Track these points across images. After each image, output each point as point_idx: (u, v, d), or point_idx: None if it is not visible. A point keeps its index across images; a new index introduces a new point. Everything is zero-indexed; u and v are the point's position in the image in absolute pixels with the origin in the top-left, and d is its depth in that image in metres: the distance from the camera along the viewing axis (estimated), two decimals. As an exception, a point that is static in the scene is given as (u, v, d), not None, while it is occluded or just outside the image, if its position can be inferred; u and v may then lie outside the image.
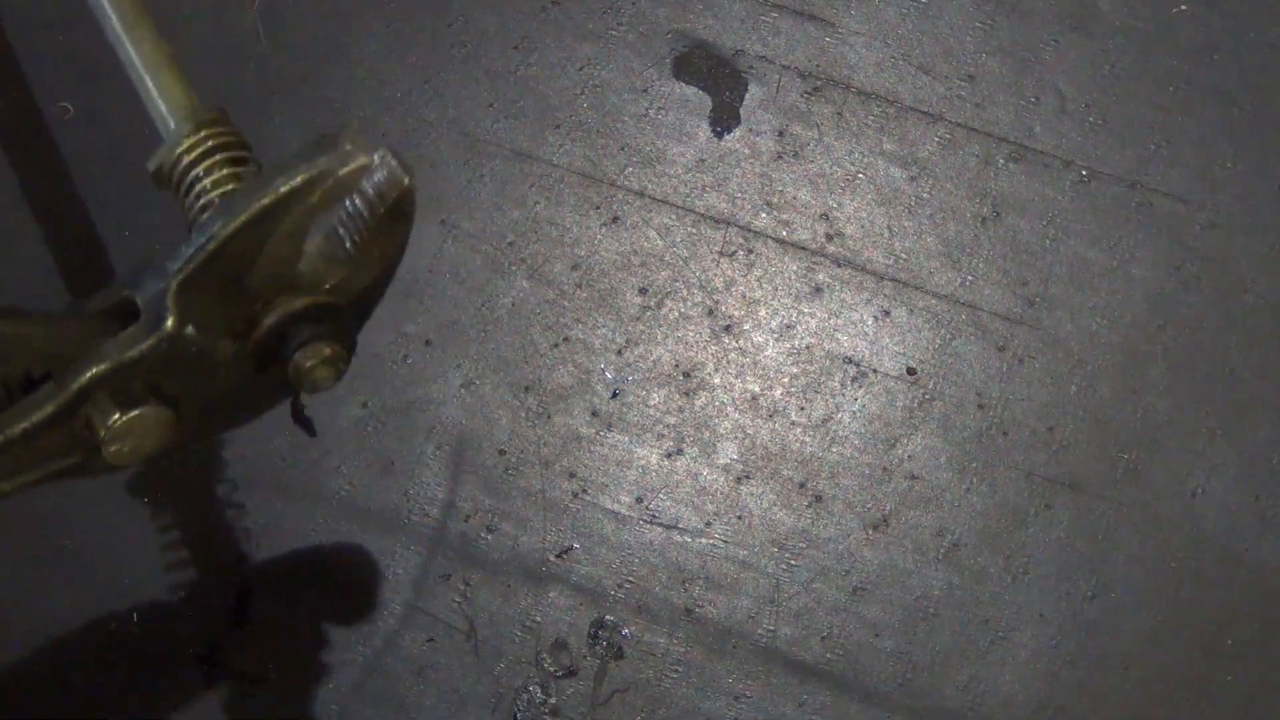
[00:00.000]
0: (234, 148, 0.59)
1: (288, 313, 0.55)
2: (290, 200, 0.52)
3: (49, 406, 0.54)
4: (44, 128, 0.81)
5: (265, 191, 0.52)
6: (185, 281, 0.53)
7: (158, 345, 0.53)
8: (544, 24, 0.84)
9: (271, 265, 0.53)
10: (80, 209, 0.80)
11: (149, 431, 0.55)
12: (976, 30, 0.85)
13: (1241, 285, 0.81)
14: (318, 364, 0.56)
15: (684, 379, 0.78)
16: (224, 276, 0.53)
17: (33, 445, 0.55)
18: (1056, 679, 0.74)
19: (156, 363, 0.54)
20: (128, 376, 0.54)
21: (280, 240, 0.53)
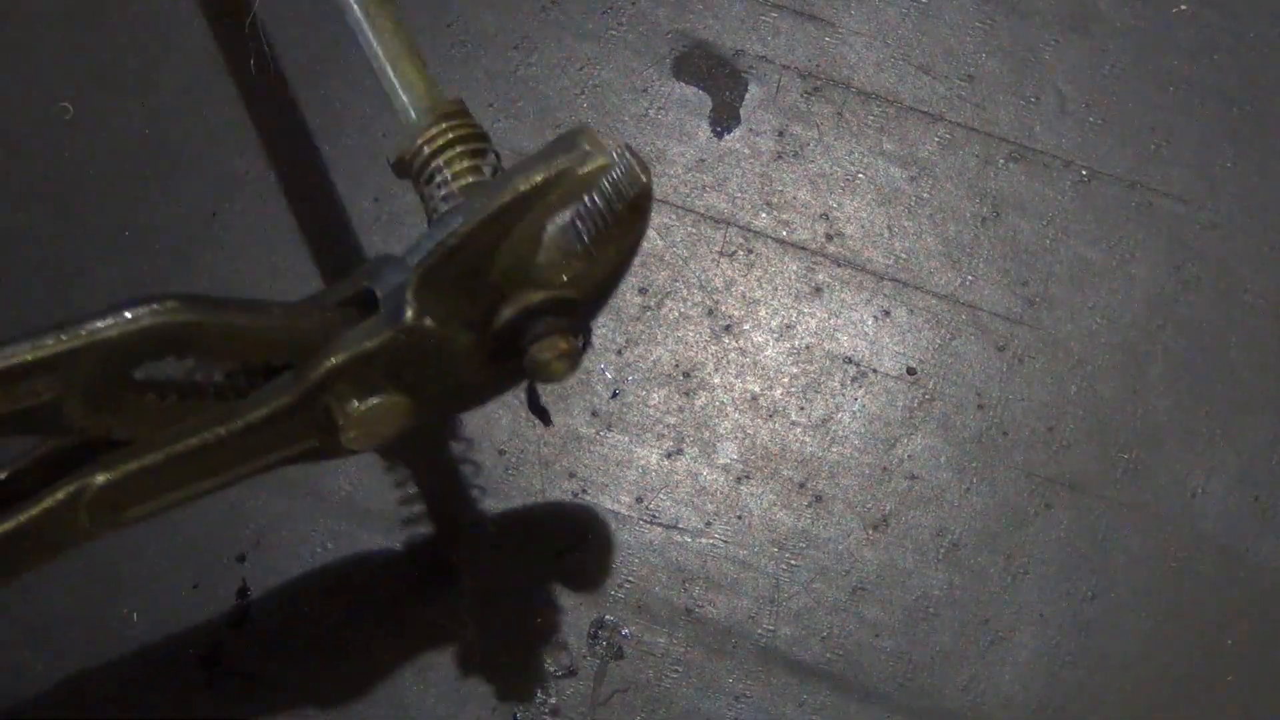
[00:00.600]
0: (474, 140, 0.60)
1: (525, 306, 0.56)
2: (530, 199, 0.53)
3: (289, 395, 0.55)
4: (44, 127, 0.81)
5: (506, 190, 0.53)
6: (425, 275, 0.54)
7: (396, 337, 0.55)
8: (544, 24, 0.84)
9: (510, 260, 0.55)
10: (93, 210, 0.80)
11: (386, 418, 0.56)
12: (976, 30, 0.85)
13: (1241, 285, 0.81)
14: (554, 358, 0.57)
15: (684, 379, 0.78)
16: (463, 271, 0.54)
17: (273, 431, 0.57)
18: (1056, 679, 0.74)
19: (394, 353, 0.55)
20: (366, 366, 0.55)
21: (519, 236, 0.54)
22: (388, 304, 0.55)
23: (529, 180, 0.53)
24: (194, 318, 0.51)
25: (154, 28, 0.83)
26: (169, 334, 0.51)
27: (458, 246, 0.54)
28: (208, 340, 0.52)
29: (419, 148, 0.60)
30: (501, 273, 0.55)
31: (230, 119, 0.81)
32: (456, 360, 0.57)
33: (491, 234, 0.54)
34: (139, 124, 0.81)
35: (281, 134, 0.81)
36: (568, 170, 0.53)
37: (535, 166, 0.53)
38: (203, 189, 0.80)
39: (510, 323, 0.56)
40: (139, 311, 0.51)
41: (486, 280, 0.55)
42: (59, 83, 0.81)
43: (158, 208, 0.79)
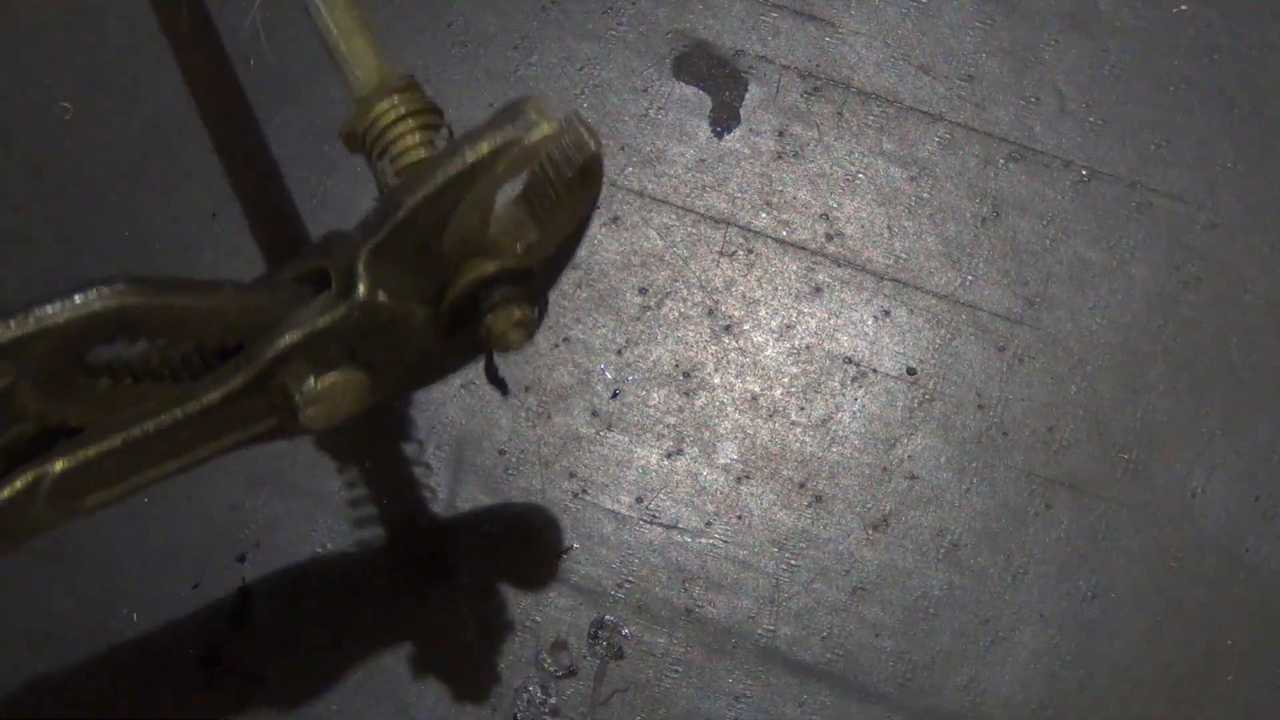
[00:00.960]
0: (425, 113, 0.60)
1: (479, 277, 0.56)
2: (477, 169, 0.53)
3: (244, 375, 0.55)
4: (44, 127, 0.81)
5: (452, 162, 0.53)
6: (375, 250, 0.54)
7: (349, 313, 0.54)
8: (544, 24, 0.84)
9: (461, 232, 0.55)
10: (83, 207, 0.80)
11: (344, 395, 0.56)
12: (976, 30, 0.85)
13: (1241, 285, 0.81)
14: (510, 327, 0.57)
15: (684, 379, 0.78)
16: (414, 244, 0.54)
17: (230, 411, 0.56)
18: (1056, 679, 0.74)
19: (349, 329, 0.55)
20: (321, 343, 0.55)
21: (469, 207, 0.54)
22: (339, 280, 0.55)
23: (475, 151, 0.53)
24: (143, 300, 0.51)
25: (154, 28, 0.83)
26: (118, 316, 0.51)
27: (406, 220, 0.53)
28: (158, 321, 0.52)
29: (370, 122, 0.60)
30: (453, 245, 0.55)
31: (230, 119, 0.81)
32: (413, 334, 0.57)
33: (440, 206, 0.53)
34: (139, 124, 0.81)
35: (281, 134, 0.81)
36: (514, 139, 0.52)
37: (481, 137, 0.53)
38: (203, 189, 0.80)
39: (464, 294, 0.56)
40: (88, 295, 0.51)
41: (438, 253, 0.55)
42: (59, 83, 0.81)
43: (158, 208, 0.79)
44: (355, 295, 0.54)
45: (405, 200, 0.53)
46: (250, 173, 0.80)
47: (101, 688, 0.71)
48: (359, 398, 0.57)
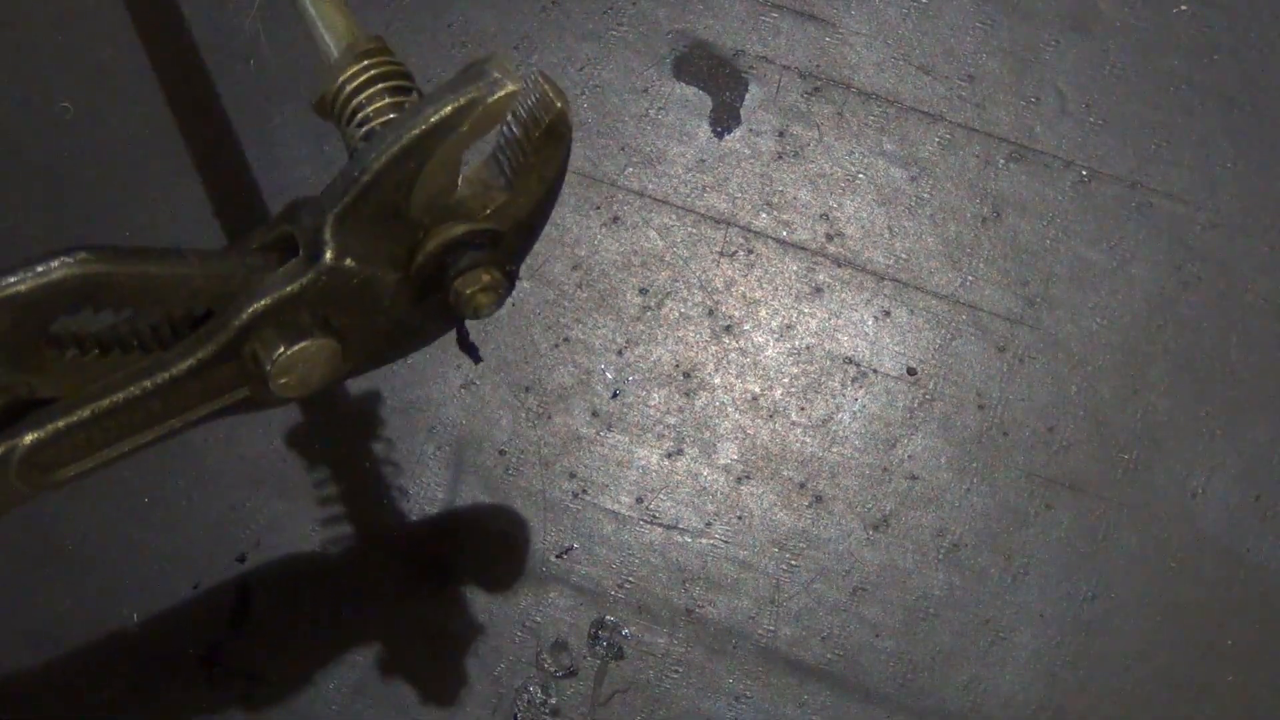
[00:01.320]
0: (395, 77, 0.59)
1: (446, 240, 0.55)
2: (440, 130, 0.52)
3: (213, 343, 0.55)
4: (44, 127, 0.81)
5: (415, 122, 0.52)
6: (341, 214, 0.53)
7: (317, 278, 0.54)
8: (544, 24, 0.84)
9: (429, 194, 0.54)
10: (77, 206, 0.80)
11: (316, 363, 0.55)
12: (976, 30, 0.85)
13: (1241, 285, 0.81)
14: (478, 290, 0.56)
15: (684, 379, 0.78)
16: (380, 207, 0.53)
17: (200, 381, 0.56)
18: (1056, 679, 0.74)
19: (318, 296, 0.54)
20: (291, 310, 0.54)
21: (435, 169, 0.53)
22: (307, 246, 0.54)
23: (438, 112, 0.52)
24: (106, 268, 0.50)
25: (154, 28, 0.83)
26: (82, 286, 0.50)
27: (371, 183, 0.53)
28: (122, 291, 0.51)
29: (339, 86, 0.59)
30: (421, 207, 0.54)
31: (230, 119, 0.81)
32: (384, 299, 0.56)
33: (405, 169, 0.53)
34: (139, 124, 0.81)
35: (281, 134, 0.81)
36: (477, 99, 0.52)
37: (444, 98, 0.52)
38: (202, 189, 0.80)
39: (432, 258, 0.55)
40: (50, 264, 0.50)
41: (406, 216, 0.54)
42: (59, 83, 0.81)
43: (157, 208, 0.79)
44: (323, 260, 0.53)
45: (369, 163, 0.52)
46: (249, 172, 0.80)
47: (101, 687, 0.71)
48: (331, 366, 0.56)
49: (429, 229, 0.55)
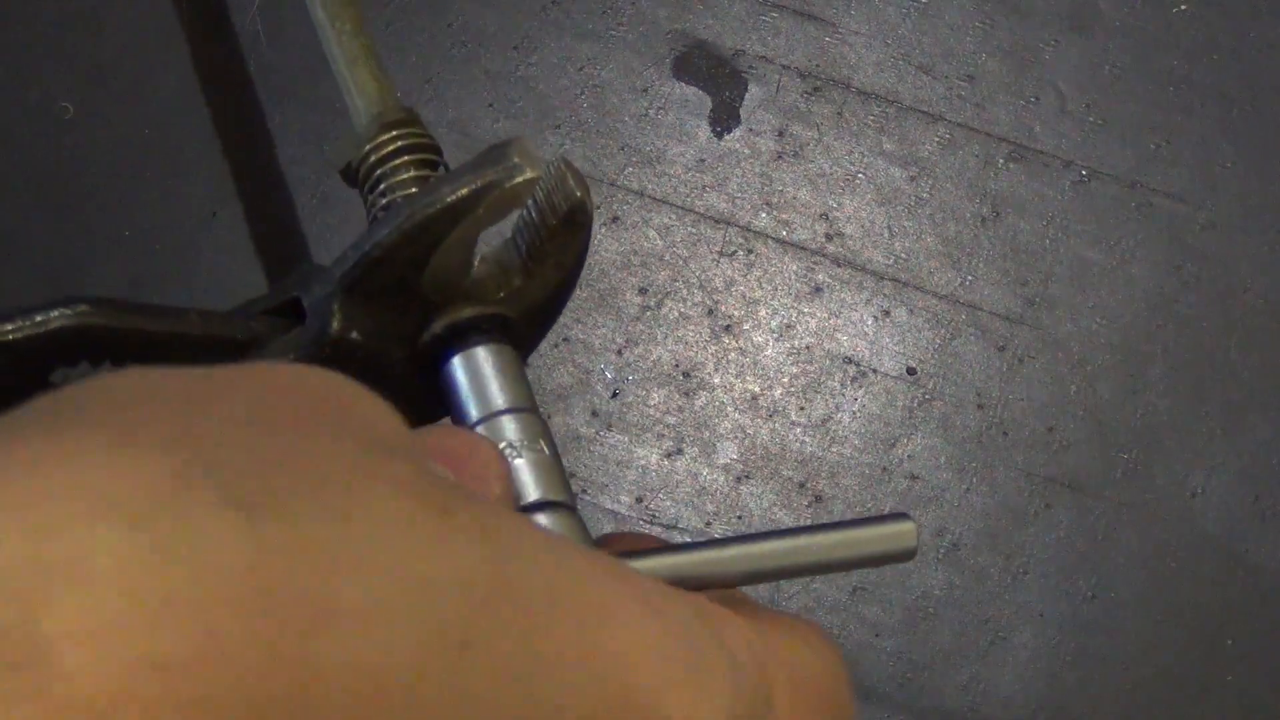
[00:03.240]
0: (421, 150, 0.59)
1: (453, 321, 0.53)
2: (455, 211, 0.51)
3: None
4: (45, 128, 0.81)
5: (430, 201, 0.51)
6: (350, 286, 0.52)
7: (321, 349, 0.53)
8: (544, 24, 0.84)
9: (441, 273, 0.53)
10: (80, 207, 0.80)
11: None
12: (976, 30, 0.85)
13: (1241, 285, 0.81)
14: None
15: (684, 379, 0.78)
16: (390, 283, 0.53)
17: None
18: (1056, 679, 0.74)
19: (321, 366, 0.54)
20: None
21: (449, 249, 0.52)
22: (314, 315, 0.53)
23: (455, 192, 0.51)
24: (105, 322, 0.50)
25: (154, 28, 0.83)
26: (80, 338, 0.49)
27: (381, 259, 0.52)
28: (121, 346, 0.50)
29: (365, 155, 0.59)
30: (432, 286, 0.53)
31: (230, 119, 0.81)
32: (389, 375, 0.55)
33: (418, 246, 0.52)
34: (139, 124, 0.81)
35: (281, 134, 0.81)
36: (495, 182, 0.51)
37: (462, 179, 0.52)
38: (203, 189, 0.80)
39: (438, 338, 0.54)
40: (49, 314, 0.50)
41: (417, 293, 0.53)
42: (59, 83, 0.81)
43: (158, 208, 0.79)
44: (328, 332, 0.53)
45: (382, 238, 0.52)
46: (250, 172, 0.80)
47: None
48: None
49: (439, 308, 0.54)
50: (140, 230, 0.79)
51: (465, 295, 0.54)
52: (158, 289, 0.78)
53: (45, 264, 0.78)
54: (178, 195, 0.80)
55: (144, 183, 0.80)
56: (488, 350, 0.52)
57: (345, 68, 0.62)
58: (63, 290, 0.78)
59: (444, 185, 0.51)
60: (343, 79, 0.62)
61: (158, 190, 0.80)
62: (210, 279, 0.78)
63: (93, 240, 0.79)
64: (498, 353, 0.52)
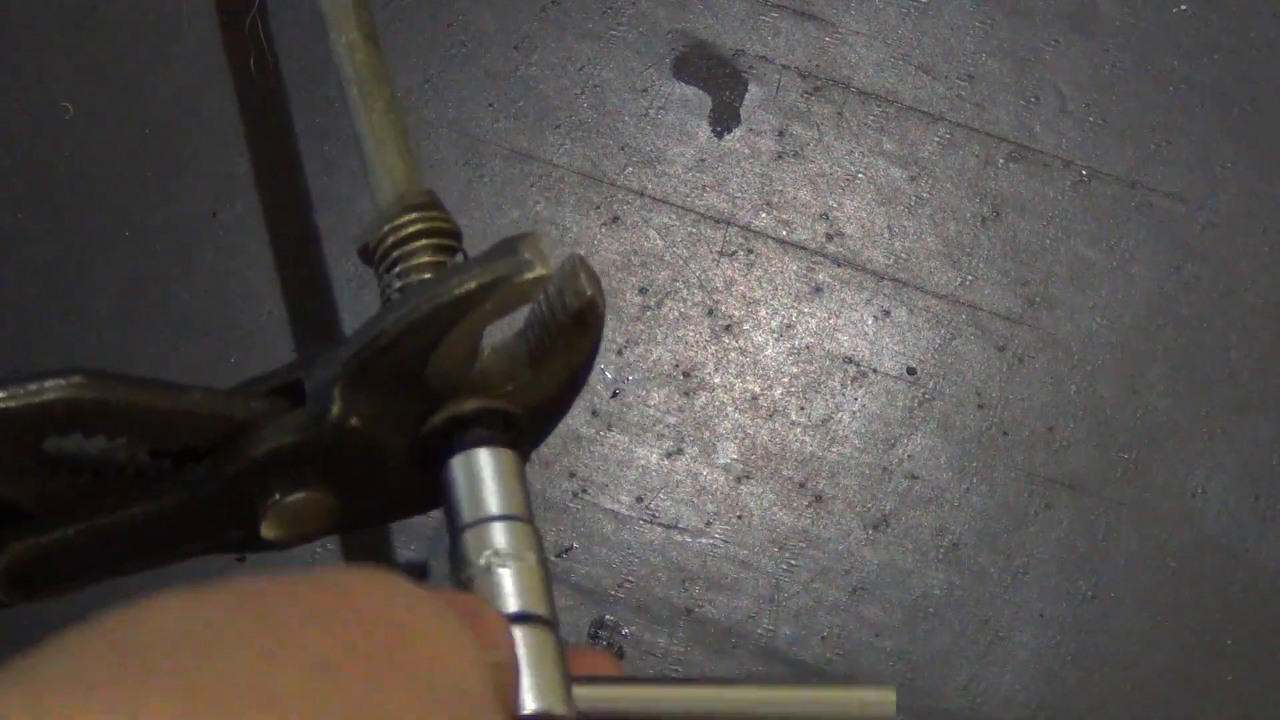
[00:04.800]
0: (439, 235, 0.58)
1: (455, 414, 0.53)
2: (462, 304, 0.50)
3: (208, 482, 0.53)
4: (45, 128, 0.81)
5: (437, 293, 0.50)
6: (353, 373, 0.52)
7: (320, 434, 0.52)
8: (544, 24, 0.84)
9: (446, 365, 0.52)
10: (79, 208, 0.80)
11: (310, 516, 0.54)
12: (976, 30, 0.85)
13: (1241, 285, 0.81)
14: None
15: (684, 379, 0.78)
16: (394, 372, 0.52)
17: (192, 518, 0.54)
18: (1056, 679, 0.74)
19: (320, 451, 0.53)
20: (290, 461, 0.52)
21: (456, 341, 0.51)
22: (314, 398, 0.53)
23: (463, 285, 0.50)
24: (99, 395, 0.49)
25: (154, 28, 0.83)
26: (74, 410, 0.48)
27: (386, 346, 0.51)
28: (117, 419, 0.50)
29: (383, 236, 0.58)
30: (437, 377, 0.52)
31: (230, 119, 0.81)
32: (387, 465, 0.54)
33: (423, 337, 0.51)
34: (139, 124, 0.81)
35: (281, 134, 0.81)
36: (504, 278, 0.50)
37: (471, 272, 0.51)
38: (203, 189, 0.80)
39: (439, 430, 0.53)
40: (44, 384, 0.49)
41: (421, 384, 0.52)
42: (59, 83, 0.81)
43: (158, 208, 0.79)
44: (328, 417, 0.52)
45: (387, 326, 0.51)
46: (249, 172, 0.80)
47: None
48: (327, 520, 0.54)
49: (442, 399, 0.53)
50: (140, 230, 0.79)
51: (470, 387, 0.53)
52: (158, 289, 0.78)
53: (45, 264, 0.78)
54: (178, 195, 0.80)
55: (144, 183, 0.80)
56: (489, 453, 0.51)
57: (373, 146, 0.61)
58: (63, 289, 0.78)
59: (453, 277, 0.50)
60: (369, 157, 0.61)
61: (158, 190, 0.80)
62: (210, 279, 0.78)
63: (93, 240, 0.79)
64: (497, 456, 0.51)
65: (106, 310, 0.77)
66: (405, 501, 0.59)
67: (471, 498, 0.50)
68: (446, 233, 0.58)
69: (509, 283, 0.50)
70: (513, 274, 0.50)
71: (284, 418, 0.53)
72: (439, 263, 0.57)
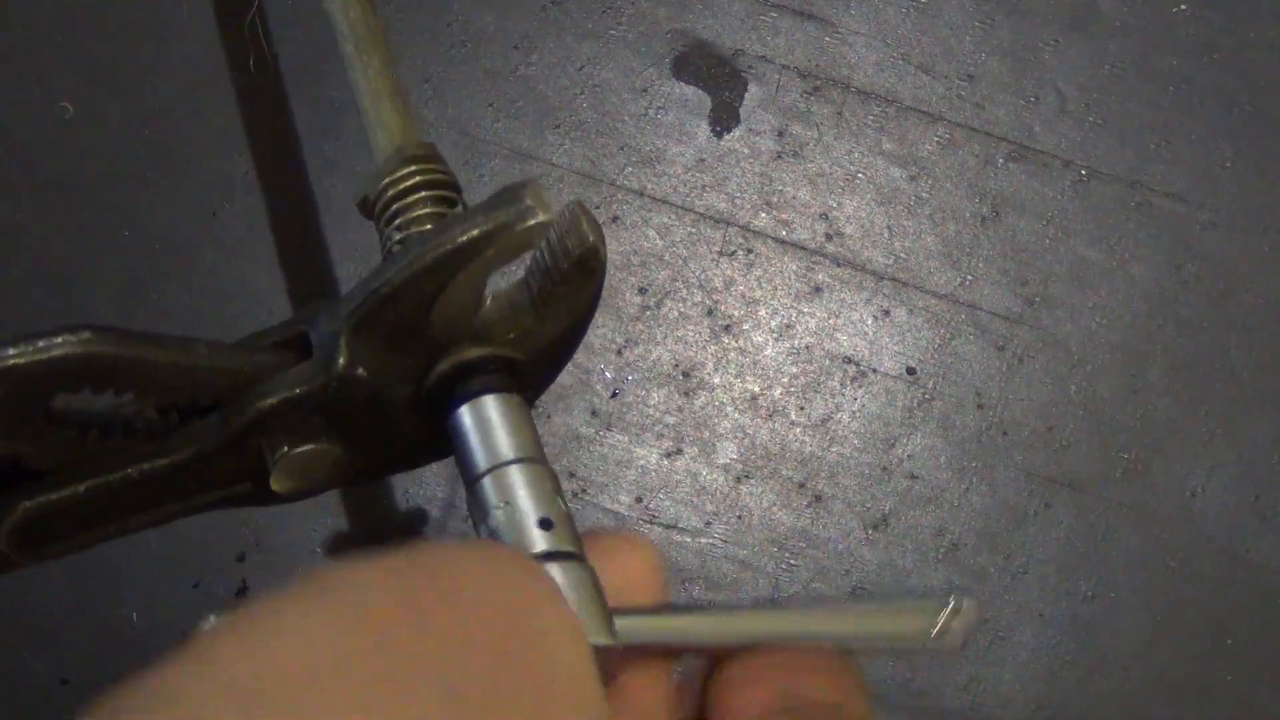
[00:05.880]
0: (439, 186, 0.58)
1: (460, 362, 0.53)
2: (465, 252, 0.51)
3: (216, 436, 0.54)
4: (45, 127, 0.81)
5: (439, 242, 0.51)
6: (357, 324, 0.52)
7: (327, 385, 0.53)
8: (544, 24, 0.84)
9: (450, 313, 0.52)
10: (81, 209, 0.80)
11: (318, 466, 0.54)
12: (976, 30, 0.85)
13: (1241, 285, 0.81)
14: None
15: (684, 379, 0.78)
16: (398, 322, 0.52)
17: (201, 472, 0.54)
18: (1056, 679, 0.74)
19: (327, 402, 0.53)
20: (298, 412, 0.53)
21: (458, 290, 0.52)
22: (320, 350, 0.53)
23: (466, 233, 0.50)
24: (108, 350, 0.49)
25: (154, 28, 0.83)
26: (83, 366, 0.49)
27: (389, 296, 0.51)
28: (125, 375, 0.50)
29: (382, 189, 0.59)
30: (441, 326, 0.53)
31: (230, 119, 0.81)
32: (393, 414, 0.55)
33: (426, 286, 0.51)
34: (139, 124, 0.81)
35: (281, 133, 0.81)
36: (506, 225, 0.50)
37: (473, 220, 0.51)
38: (203, 189, 0.80)
39: (443, 378, 0.53)
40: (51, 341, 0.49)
41: (425, 333, 0.53)
42: (59, 83, 0.81)
43: (158, 208, 0.80)
44: (334, 368, 0.52)
45: (390, 276, 0.51)
46: (250, 172, 0.80)
47: (102, 688, 0.71)
48: (335, 470, 0.55)
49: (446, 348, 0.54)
50: (140, 230, 0.79)
51: (473, 336, 0.53)
52: (158, 289, 0.78)
53: (45, 264, 0.78)
54: (178, 195, 0.80)
55: (144, 183, 0.80)
56: (497, 399, 0.52)
57: (370, 102, 0.62)
58: (63, 289, 0.78)
59: (455, 226, 0.51)
60: (366, 113, 0.62)
61: (158, 190, 0.80)
62: (210, 279, 0.78)
63: (93, 240, 0.79)
64: (506, 402, 0.52)
65: (106, 310, 0.77)
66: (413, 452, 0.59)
67: (485, 444, 0.51)
68: (446, 184, 0.59)
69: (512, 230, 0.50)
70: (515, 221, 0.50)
71: (291, 370, 0.53)
72: (439, 214, 0.58)
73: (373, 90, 0.63)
